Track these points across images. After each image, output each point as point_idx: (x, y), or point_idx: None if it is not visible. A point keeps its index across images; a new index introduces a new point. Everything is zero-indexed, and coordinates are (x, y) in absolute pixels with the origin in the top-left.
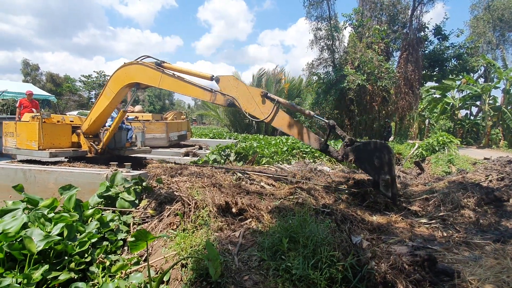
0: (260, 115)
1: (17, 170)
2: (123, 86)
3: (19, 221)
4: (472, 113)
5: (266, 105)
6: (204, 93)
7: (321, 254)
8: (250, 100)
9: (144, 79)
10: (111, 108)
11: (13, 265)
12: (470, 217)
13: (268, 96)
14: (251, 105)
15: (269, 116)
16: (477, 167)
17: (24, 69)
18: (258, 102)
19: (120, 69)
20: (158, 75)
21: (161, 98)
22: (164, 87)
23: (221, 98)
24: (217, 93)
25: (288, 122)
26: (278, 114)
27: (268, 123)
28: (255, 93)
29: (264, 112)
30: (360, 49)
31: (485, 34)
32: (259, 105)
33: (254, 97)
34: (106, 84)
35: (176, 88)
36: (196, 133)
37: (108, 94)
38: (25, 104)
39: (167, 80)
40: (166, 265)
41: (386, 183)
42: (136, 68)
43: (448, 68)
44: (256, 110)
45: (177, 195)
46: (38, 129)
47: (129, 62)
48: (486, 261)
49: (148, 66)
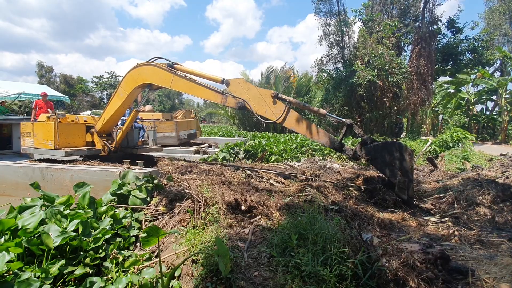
0: (272, 116)
1: (34, 168)
2: (135, 86)
3: (37, 217)
4: (488, 108)
5: (277, 106)
6: (216, 95)
7: (330, 251)
8: (261, 102)
9: (156, 80)
10: (123, 108)
11: (32, 259)
12: (486, 215)
13: (279, 97)
14: (262, 107)
15: (281, 117)
16: (493, 164)
17: (39, 71)
18: (269, 103)
19: (132, 70)
20: (170, 76)
21: (170, 98)
22: (176, 89)
23: (232, 101)
24: (228, 96)
25: (299, 121)
26: (289, 114)
27: (280, 124)
28: (266, 95)
29: (276, 113)
30: (370, 44)
31: (501, 26)
32: (270, 106)
33: (265, 98)
34: (118, 85)
35: (188, 90)
36: (205, 131)
37: (121, 94)
38: (40, 105)
39: (179, 82)
40: (177, 261)
41: (403, 185)
42: (148, 69)
43: (462, 62)
44: (268, 112)
45: (187, 193)
46: (54, 128)
47: (142, 63)
48: (502, 259)
49: (160, 67)
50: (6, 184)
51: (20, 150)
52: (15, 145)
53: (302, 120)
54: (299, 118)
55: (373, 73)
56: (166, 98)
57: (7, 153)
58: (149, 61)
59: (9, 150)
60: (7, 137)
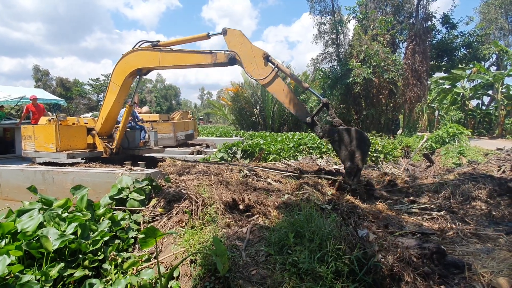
0: (258, 76)
1: (36, 171)
2: (126, 76)
3: (36, 220)
4: (484, 103)
5: (266, 68)
6: (205, 56)
7: (327, 248)
8: (251, 59)
9: (145, 63)
10: (119, 103)
11: (32, 262)
12: (482, 209)
13: (269, 59)
14: (251, 65)
15: (266, 79)
16: (489, 158)
17: (35, 75)
18: (259, 63)
19: (120, 61)
20: (157, 55)
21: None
22: (165, 64)
23: (222, 56)
24: (217, 52)
25: (283, 89)
26: (275, 80)
27: (264, 85)
28: (257, 53)
29: (262, 74)
30: (365, 41)
31: (496, 20)
32: (259, 66)
33: (256, 57)
34: (110, 80)
35: (177, 61)
36: (203, 132)
37: (113, 88)
38: (32, 109)
39: (167, 57)
40: (175, 261)
41: (351, 170)
42: (134, 55)
43: (457, 57)
44: (255, 71)
45: (185, 193)
46: (55, 131)
47: (127, 52)
48: (499, 253)
49: (145, 49)
50: (9, 188)
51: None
52: (18, 149)
53: (285, 88)
54: (282, 85)
55: (368, 70)
56: (163, 99)
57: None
58: (134, 47)
59: (12, 154)
60: (10, 141)
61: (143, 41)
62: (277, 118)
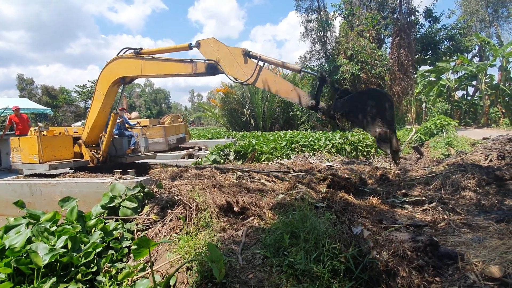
0: (243, 77)
1: (22, 184)
2: (110, 84)
3: (23, 236)
4: (468, 94)
5: (248, 64)
6: (185, 66)
7: (323, 247)
8: (232, 61)
9: (127, 71)
10: (105, 112)
11: (22, 279)
12: (472, 199)
13: (250, 54)
14: (233, 67)
15: (252, 77)
16: (477, 148)
17: (20, 84)
18: (241, 62)
19: (104, 69)
20: (139, 62)
21: (157, 103)
22: (147, 73)
23: (202, 65)
24: (197, 62)
25: (274, 80)
26: (261, 73)
27: (253, 83)
28: (237, 53)
29: (247, 73)
30: (352, 38)
31: (477, 12)
32: (241, 66)
33: (236, 57)
34: (95, 88)
35: (158, 70)
36: (194, 134)
37: (98, 97)
38: (15, 119)
39: (148, 65)
40: (171, 269)
41: (384, 137)
42: (117, 63)
43: (441, 50)
44: (239, 72)
45: (178, 199)
46: (37, 142)
47: (110, 60)
48: (491, 242)
49: (127, 57)
50: None
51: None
52: (3, 161)
53: (276, 78)
54: (272, 76)
55: (356, 66)
56: (153, 103)
57: None
58: (118, 54)
59: None
60: None
61: (127, 48)
62: (268, 117)
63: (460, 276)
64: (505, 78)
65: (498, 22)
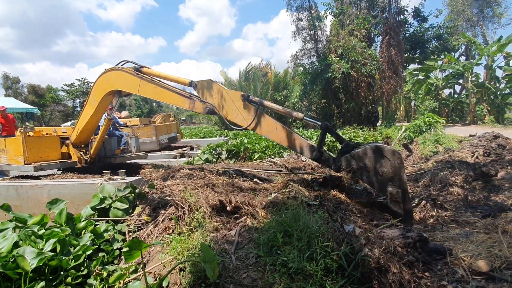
0: (243, 122)
1: (8, 187)
2: (105, 94)
3: (10, 240)
4: (455, 92)
5: (247, 110)
6: (184, 100)
7: (315, 246)
8: (231, 105)
9: (124, 86)
10: (97, 117)
11: (9, 285)
12: (459, 195)
13: (249, 99)
14: (232, 111)
15: (252, 123)
16: (463, 145)
17: (5, 82)
18: (239, 107)
19: (101, 76)
20: (137, 81)
21: (148, 101)
22: (143, 94)
23: (200, 106)
24: (196, 101)
25: (275, 128)
26: (262, 119)
27: (253, 130)
28: (235, 97)
29: (247, 119)
30: (343, 37)
31: (464, 12)
32: (240, 110)
33: (234, 101)
34: (89, 93)
35: (155, 95)
36: (186, 133)
37: (92, 102)
38: (1, 121)
39: (146, 87)
40: (164, 271)
41: (396, 197)
42: (115, 75)
43: (429, 49)
44: (238, 117)
45: (170, 199)
46: (22, 143)
47: (109, 68)
48: (477, 236)
49: (127, 72)
50: None
51: None
52: None
53: (278, 126)
54: (273, 124)
55: (347, 65)
56: (144, 102)
57: None
58: (117, 65)
59: None
60: None
61: (126, 61)
62: None
63: (449, 271)
64: (490, 76)
65: (484, 21)
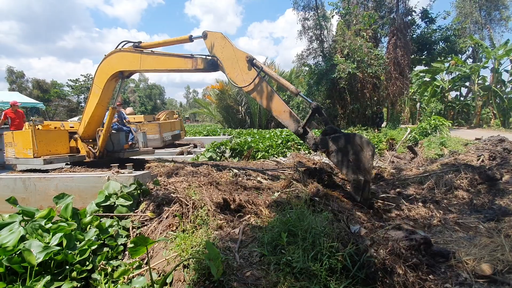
0: (241, 82)
1: (16, 179)
2: (108, 78)
3: (16, 234)
4: (462, 94)
5: (250, 72)
6: (185, 61)
7: (320, 246)
8: (234, 64)
9: (126, 65)
10: (102, 106)
11: (15, 278)
12: (464, 198)
13: (254, 63)
14: (234, 70)
15: (250, 85)
16: (469, 148)
17: (9, 77)
18: (243, 67)
19: (102, 62)
20: (138, 57)
21: (152, 98)
22: (146, 67)
23: (202, 61)
24: (198, 58)
25: (270, 96)
26: (260, 85)
27: (248, 92)
28: (240, 57)
29: (246, 80)
30: (349, 37)
31: (471, 14)
32: (242, 71)
33: (239, 61)
34: (92, 82)
35: (158, 65)
36: (190, 131)
37: (96, 91)
38: (11, 115)
39: (147, 59)
40: (168, 267)
41: (357, 184)
42: (116, 56)
43: (436, 51)
44: (239, 77)
45: (174, 196)
46: (31, 136)
47: (109, 52)
48: (481, 240)
49: (127, 51)
50: None
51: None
52: None
53: (273, 95)
54: (269, 91)
55: (353, 65)
56: (148, 99)
57: None
58: (117, 47)
59: None
60: None
61: (125, 41)
62: (264, 115)
63: (453, 274)
64: (496, 79)
65: (491, 24)
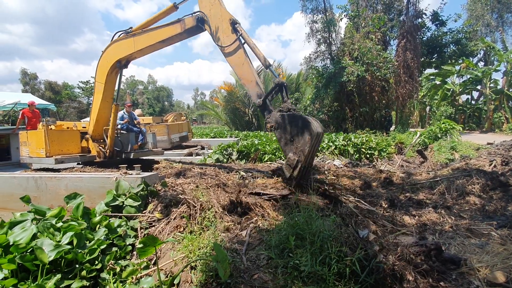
0: (222, 42)
1: (28, 178)
2: (108, 72)
3: (29, 232)
4: (473, 98)
5: (231, 35)
6: (174, 27)
7: (328, 250)
8: (219, 23)
9: (121, 52)
10: (107, 102)
11: (26, 275)
12: (475, 204)
13: (235, 27)
14: (217, 29)
15: (229, 47)
16: (481, 153)
17: (23, 78)
18: (225, 28)
19: (100, 58)
20: (131, 41)
21: (160, 100)
22: (140, 47)
23: (190, 20)
24: (184, 18)
25: (243, 63)
26: (238, 51)
27: (225, 55)
28: (225, 18)
29: (226, 42)
30: (358, 39)
31: (483, 16)
32: (224, 32)
33: (223, 21)
34: (94, 80)
35: (150, 40)
36: (197, 133)
37: (99, 88)
38: (28, 114)
39: (140, 40)
40: (175, 268)
41: (291, 162)
42: (111, 48)
43: (447, 53)
44: (221, 37)
45: (182, 198)
46: (44, 136)
47: (105, 47)
48: (493, 247)
49: (120, 39)
50: (1, 196)
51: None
52: (13, 156)
53: (245, 63)
54: (242, 59)
55: (361, 68)
56: (156, 101)
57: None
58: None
59: (7, 161)
60: (5, 148)
61: (117, 31)
62: None
63: (464, 281)
64: (509, 83)
65: (503, 27)
